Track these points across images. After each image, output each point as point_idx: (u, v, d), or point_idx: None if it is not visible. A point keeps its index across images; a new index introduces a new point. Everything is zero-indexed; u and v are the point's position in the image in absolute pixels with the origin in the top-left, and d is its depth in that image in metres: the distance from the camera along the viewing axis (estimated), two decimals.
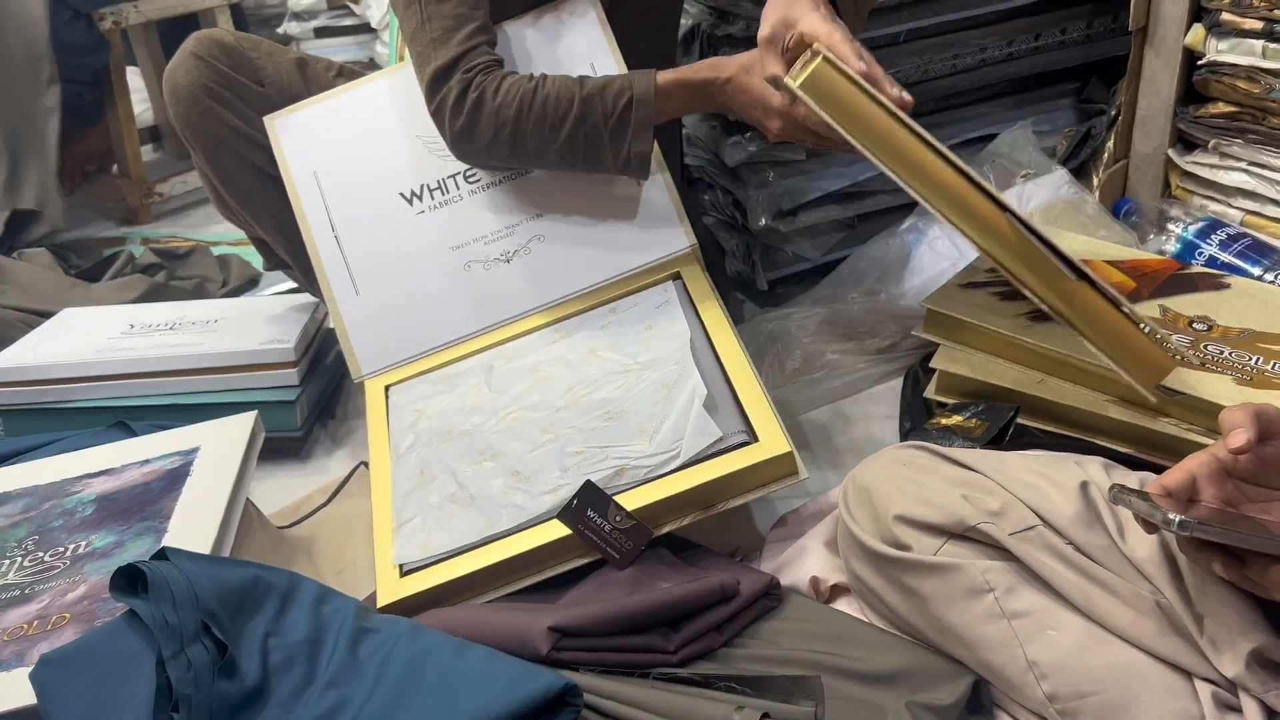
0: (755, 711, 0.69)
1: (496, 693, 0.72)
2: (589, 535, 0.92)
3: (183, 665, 0.73)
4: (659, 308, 1.16)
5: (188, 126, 1.24)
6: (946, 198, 0.96)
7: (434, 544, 0.98)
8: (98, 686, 0.72)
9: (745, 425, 0.99)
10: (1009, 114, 1.60)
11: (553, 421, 1.06)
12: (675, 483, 0.95)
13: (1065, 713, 0.75)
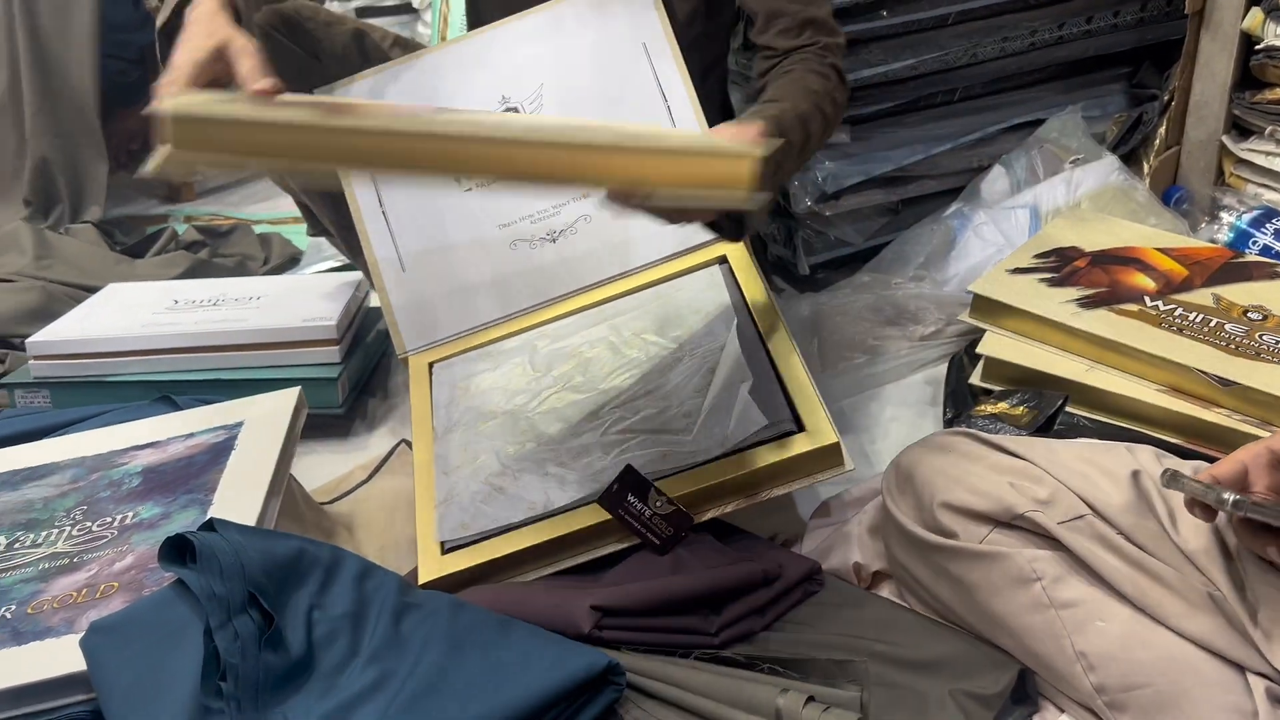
0: (800, 694, 0.68)
1: (540, 670, 0.72)
2: (629, 520, 0.92)
3: (230, 635, 0.73)
4: (705, 291, 1.16)
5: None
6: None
7: (475, 523, 0.98)
8: (147, 654, 0.73)
9: (791, 414, 0.98)
10: (1058, 98, 1.57)
11: (596, 404, 1.06)
12: (719, 470, 0.95)
13: (1113, 705, 0.74)
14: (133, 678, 0.72)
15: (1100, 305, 1.12)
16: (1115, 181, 1.44)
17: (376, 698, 0.73)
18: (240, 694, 0.71)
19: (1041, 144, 1.50)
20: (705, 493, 0.95)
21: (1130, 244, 1.23)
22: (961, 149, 1.53)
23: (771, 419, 0.97)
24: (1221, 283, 1.15)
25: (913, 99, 1.52)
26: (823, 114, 1.09)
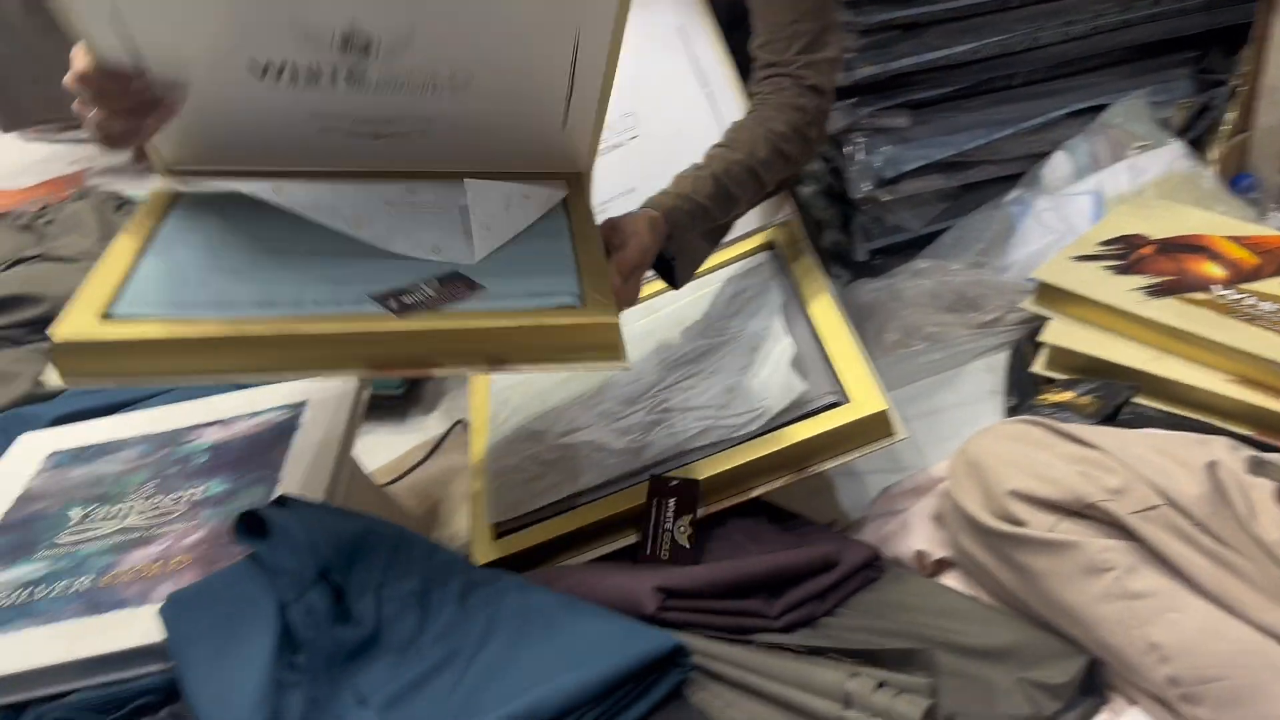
0: (870, 680, 0.68)
1: (608, 651, 0.72)
2: (652, 515, 0.92)
3: (303, 610, 0.74)
4: (753, 275, 1.15)
5: None
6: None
7: (525, 503, 0.98)
8: (223, 625, 0.74)
9: (838, 386, 0.97)
10: (1123, 84, 1.54)
11: (642, 386, 1.06)
12: (767, 443, 0.94)
13: (1188, 697, 0.72)
14: (209, 649, 0.73)
15: (1168, 294, 1.10)
16: (1181, 168, 1.41)
17: (444, 674, 0.74)
18: (314, 666, 0.72)
19: (1105, 129, 1.47)
20: (754, 466, 0.93)
21: (1198, 231, 1.21)
22: (1023, 134, 1.50)
23: (816, 390, 0.96)
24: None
25: (973, 83, 1.50)
26: (784, 156, 1.06)
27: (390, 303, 0.78)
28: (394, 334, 0.75)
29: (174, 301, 0.76)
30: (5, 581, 0.87)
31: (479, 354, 0.78)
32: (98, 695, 0.77)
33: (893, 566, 0.93)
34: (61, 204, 1.91)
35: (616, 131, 1.19)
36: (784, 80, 1.09)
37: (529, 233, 0.91)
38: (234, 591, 0.76)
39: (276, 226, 0.85)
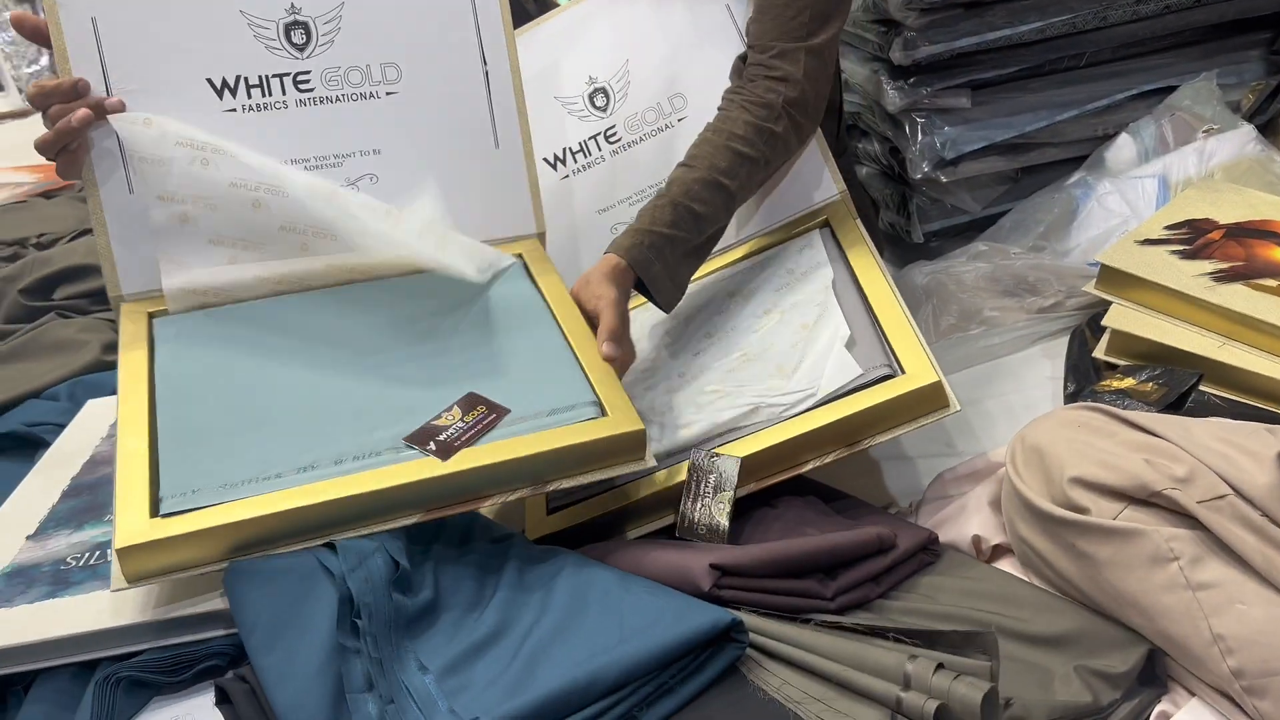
0: (930, 661, 0.68)
1: (666, 623, 0.72)
2: (689, 490, 0.92)
3: (362, 577, 0.76)
4: (803, 253, 1.14)
5: None
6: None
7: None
8: (284, 595, 0.76)
9: (890, 360, 0.96)
10: (1192, 65, 1.51)
11: (690, 364, 1.06)
12: (818, 417, 0.93)
13: (1252, 690, 0.71)
14: (274, 614, 0.75)
15: (1236, 279, 1.08)
16: (1251, 152, 1.37)
17: (503, 643, 0.75)
18: (375, 631, 0.73)
19: (1172, 112, 1.44)
20: (805, 440, 0.93)
21: (1268, 217, 1.18)
22: (1087, 116, 1.48)
23: (868, 365, 0.95)
24: None
25: (1038, 64, 1.47)
26: (748, 159, 1.06)
27: (429, 445, 0.81)
28: (443, 478, 0.80)
29: (217, 482, 0.80)
30: (76, 543, 0.90)
31: (524, 479, 0.84)
32: (165, 655, 0.79)
33: (949, 551, 0.92)
34: None
35: (664, 113, 1.19)
36: (756, 72, 1.09)
37: (515, 328, 0.97)
38: (294, 563, 0.78)
39: (269, 349, 0.92)
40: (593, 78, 1.20)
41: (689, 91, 1.18)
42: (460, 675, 0.72)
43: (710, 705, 0.72)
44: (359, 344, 0.94)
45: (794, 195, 1.19)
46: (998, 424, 1.17)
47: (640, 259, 1.00)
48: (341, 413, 0.86)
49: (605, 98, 1.20)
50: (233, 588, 0.77)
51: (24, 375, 1.30)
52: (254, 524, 0.78)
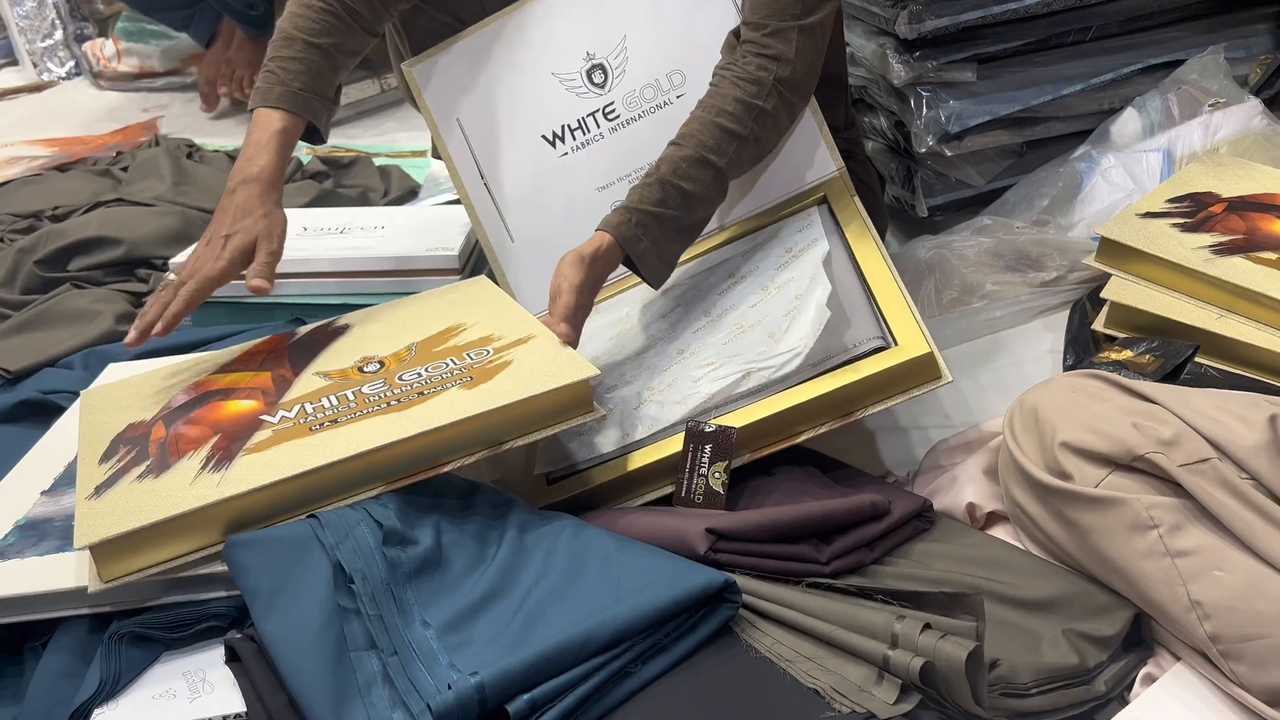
0: (917, 621, 0.69)
1: (661, 584, 0.74)
2: (686, 459, 0.93)
3: (350, 549, 0.78)
4: (801, 232, 1.15)
5: (404, 22, 1.21)
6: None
7: (573, 454, 1.01)
8: (283, 562, 0.78)
9: (883, 332, 0.98)
10: (1200, 38, 1.50)
11: (689, 341, 1.08)
12: (811, 388, 0.95)
13: (1228, 654, 0.73)
14: (273, 581, 0.77)
15: (1235, 252, 1.08)
16: (1257, 127, 1.37)
17: (503, 602, 0.77)
18: (371, 590, 0.75)
19: (1179, 86, 1.44)
20: (799, 411, 0.94)
21: (1271, 190, 1.19)
22: (1092, 90, 1.48)
23: (861, 336, 0.96)
24: None
25: (1043, 37, 1.47)
26: (736, 137, 1.07)
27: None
28: (398, 443, 0.84)
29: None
30: None
31: (481, 443, 0.88)
32: (169, 615, 0.81)
33: (943, 518, 0.94)
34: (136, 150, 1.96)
35: (662, 90, 1.20)
36: (748, 49, 1.10)
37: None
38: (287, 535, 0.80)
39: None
40: (590, 54, 1.21)
41: (688, 68, 1.19)
42: (461, 632, 0.74)
43: (704, 663, 0.74)
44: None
45: (791, 172, 1.19)
46: (995, 396, 1.18)
47: (627, 236, 1.02)
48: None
49: (604, 74, 1.21)
50: (232, 556, 0.79)
51: (39, 344, 1.33)
52: (228, 505, 0.81)
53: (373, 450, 0.84)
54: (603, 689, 0.72)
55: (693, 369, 1.02)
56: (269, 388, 0.97)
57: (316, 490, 0.83)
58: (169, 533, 0.80)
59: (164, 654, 0.80)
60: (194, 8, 2.36)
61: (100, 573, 0.79)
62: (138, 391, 1.01)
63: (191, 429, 0.90)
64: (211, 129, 2.35)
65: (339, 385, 0.95)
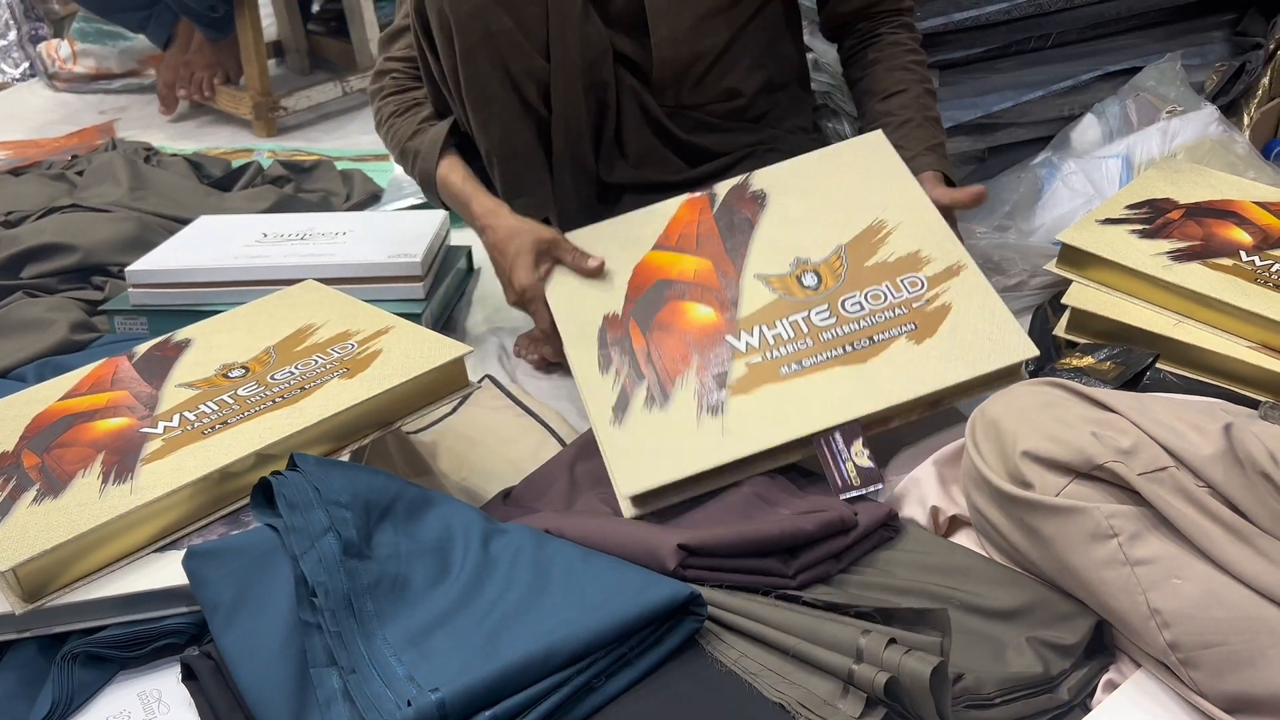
0: (882, 636, 0.69)
1: (626, 597, 0.74)
2: (827, 454, 0.95)
3: (314, 559, 0.77)
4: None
5: (455, 15, 1.12)
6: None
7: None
8: (245, 573, 0.77)
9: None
10: (1157, 45, 1.52)
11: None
12: (918, 387, 0.98)
13: (1187, 662, 0.73)
14: (234, 594, 0.76)
15: (1193, 259, 1.09)
16: (1214, 133, 1.39)
17: (466, 615, 0.76)
18: (333, 605, 0.74)
19: (1137, 92, 1.45)
20: (901, 408, 0.99)
21: (1227, 197, 1.20)
22: (1053, 97, 1.49)
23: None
24: None
25: (1005, 44, 1.48)
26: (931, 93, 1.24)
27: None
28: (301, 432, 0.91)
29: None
30: None
31: (373, 425, 0.97)
32: (125, 632, 0.80)
33: (908, 525, 0.94)
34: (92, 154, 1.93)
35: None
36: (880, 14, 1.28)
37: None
38: (252, 544, 0.79)
39: None
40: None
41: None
42: (422, 646, 0.73)
43: (669, 677, 0.74)
44: None
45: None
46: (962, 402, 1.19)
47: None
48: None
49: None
50: (192, 568, 0.78)
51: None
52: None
53: (280, 441, 0.90)
54: (567, 704, 0.71)
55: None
56: (133, 403, 0.98)
57: (230, 488, 0.88)
58: (91, 545, 0.82)
59: (119, 674, 0.79)
60: (151, 9, 2.33)
61: (24, 595, 0.79)
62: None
63: (68, 451, 0.92)
64: (170, 131, 2.32)
65: (211, 392, 0.99)
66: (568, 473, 1.05)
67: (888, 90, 1.25)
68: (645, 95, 1.24)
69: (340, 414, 0.93)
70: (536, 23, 1.14)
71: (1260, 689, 0.71)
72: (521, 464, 1.10)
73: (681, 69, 1.23)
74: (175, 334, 1.11)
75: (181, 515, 0.86)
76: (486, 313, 1.48)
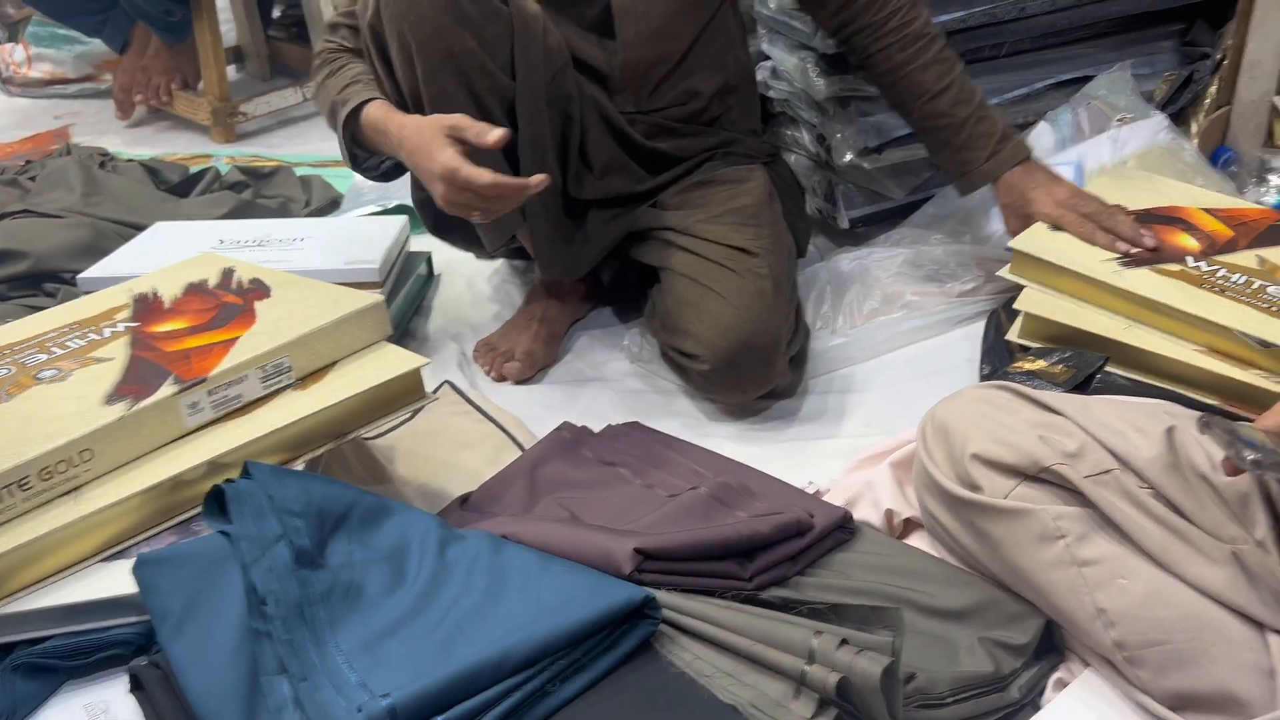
0: (834, 637, 0.70)
1: (580, 600, 0.74)
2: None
3: (264, 568, 0.76)
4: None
5: (416, 37, 1.11)
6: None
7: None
8: (195, 582, 0.76)
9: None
10: (1108, 55, 1.54)
11: None
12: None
13: (1132, 660, 0.75)
14: (184, 602, 0.75)
15: (1142, 264, 1.11)
16: (1163, 141, 1.42)
17: (420, 621, 0.76)
18: (283, 614, 0.73)
19: (1088, 101, 1.48)
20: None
21: (1175, 203, 1.22)
22: (1007, 105, 1.51)
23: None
24: (1267, 244, 1.14)
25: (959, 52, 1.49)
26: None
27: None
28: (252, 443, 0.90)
29: None
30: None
31: (326, 437, 0.95)
32: (70, 643, 0.79)
33: (863, 527, 0.95)
34: (45, 159, 1.90)
35: None
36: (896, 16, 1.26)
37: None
38: (203, 552, 0.78)
39: None
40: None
41: None
42: (376, 653, 0.73)
43: (623, 680, 0.74)
44: None
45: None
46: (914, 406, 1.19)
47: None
48: None
49: None
50: (142, 575, 0.77)
51: None
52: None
53: (233, 450, 0.88)
54: (521, 708, 0.71)
55: None
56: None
57: (182, 497, 0.86)
58: (36, 555, 0.80)
59: (64, 685, 0.78)
60: (106, 14, 2.30)
61: None
62: None
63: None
64: (127, 137, 2.29)
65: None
66: (527, 477, 1.05)
67: (931, 91, 1.26)
68: (605, 103, 1.24)
69: (293, 425, 0.92)
70: (499, 42, 1.13)
71: (1203, 686, 0.72)
72: (480, 470, 1.09)
73: (645, 70, 1.24)
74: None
75: (130, 524, 0.85)
76: (446, 319, 1.48)
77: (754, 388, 1.18)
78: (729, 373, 1.16)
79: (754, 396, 1.20)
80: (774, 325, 1.16)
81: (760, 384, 1.18)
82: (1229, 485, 0.76)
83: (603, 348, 1.37)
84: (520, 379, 1.30)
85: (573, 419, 1.15)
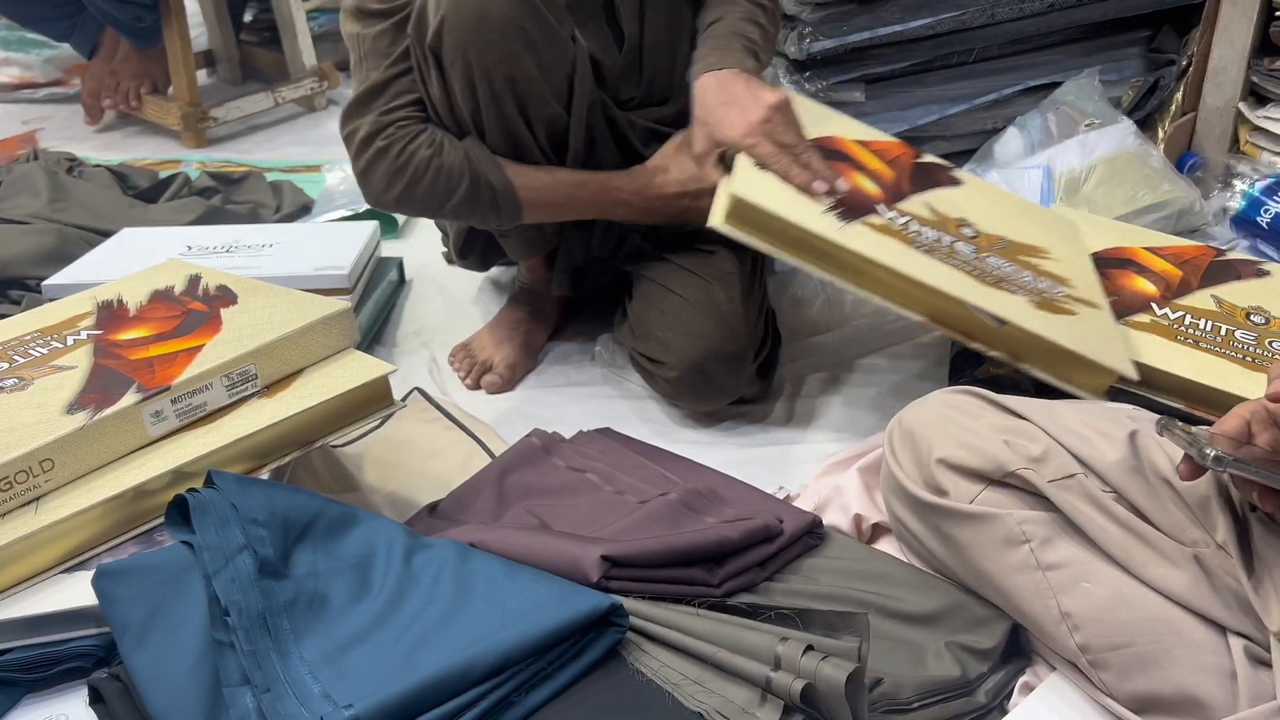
0: (799, 643, 0.70)
1: (547, 609, 0.73)
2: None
3: (227, 578, 0.75)
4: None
5: (480, 62, 1.09)
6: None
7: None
8: (157, 593, 0.75)
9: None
10: (1075, 61, 1.56)
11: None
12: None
13: (1096, 664, 0.75)
14: (145, 614, 0.74)
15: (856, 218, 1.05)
16: (1130, 146, 1.43)
17: (385, 631, 0.75)
18: (246, 624, 0.73)
19: (1057, 106, 1.49)
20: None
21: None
22: (976, 110, 1.52)
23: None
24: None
25: (929, 59, 1.51)
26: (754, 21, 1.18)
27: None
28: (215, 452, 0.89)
29: None
30: None
31: (292, 445, 0.94)
32: (30, 655, 0.77)
33: (831, 532, 0.95)
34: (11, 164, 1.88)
35: None
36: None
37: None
38: (165, 562, 0.77)
39: None
40: None
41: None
42: (339, 664, 0.72)
43: (589, 688, 0.73)
44: None
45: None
46: (884, 411, 1.20)
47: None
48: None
49: None
50: (102, 587, 0.76)
51: None
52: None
53: (197, 459, 0.87)
54: (486, 718, 0.70)
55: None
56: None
57: (144, 506, 0.85)
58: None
59: (24, 698, 0.77)
60: (75, 18, 2.28)
61: None
62: None
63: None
64: (96, 142, 2.27)
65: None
66: (496, 485, 1.04)
67: (708, 22, 1.20)
68: (613, 109, 1.23)
69: (258, 433, 0.91)
70: (554, 68, 1.12)
71: (1166, 689, 0.72)
72: (449, 477, 1.09)
73: (646, 66, 1.23)
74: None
75: (92, 535, 0.83)
76: (418, 325, 1.47)
77: (721, 395, 1.18)
78: (696, 379, 1.16)
79: (722, 404, 1.20)
80: (742, 333, 1.16)
81: (728, 391, 1.18)
82: (1190, 488, 0.77)
83: (574, 354, 1.37)
84: (499, 393, 1.30)
85: (543, 426, 1.15)
